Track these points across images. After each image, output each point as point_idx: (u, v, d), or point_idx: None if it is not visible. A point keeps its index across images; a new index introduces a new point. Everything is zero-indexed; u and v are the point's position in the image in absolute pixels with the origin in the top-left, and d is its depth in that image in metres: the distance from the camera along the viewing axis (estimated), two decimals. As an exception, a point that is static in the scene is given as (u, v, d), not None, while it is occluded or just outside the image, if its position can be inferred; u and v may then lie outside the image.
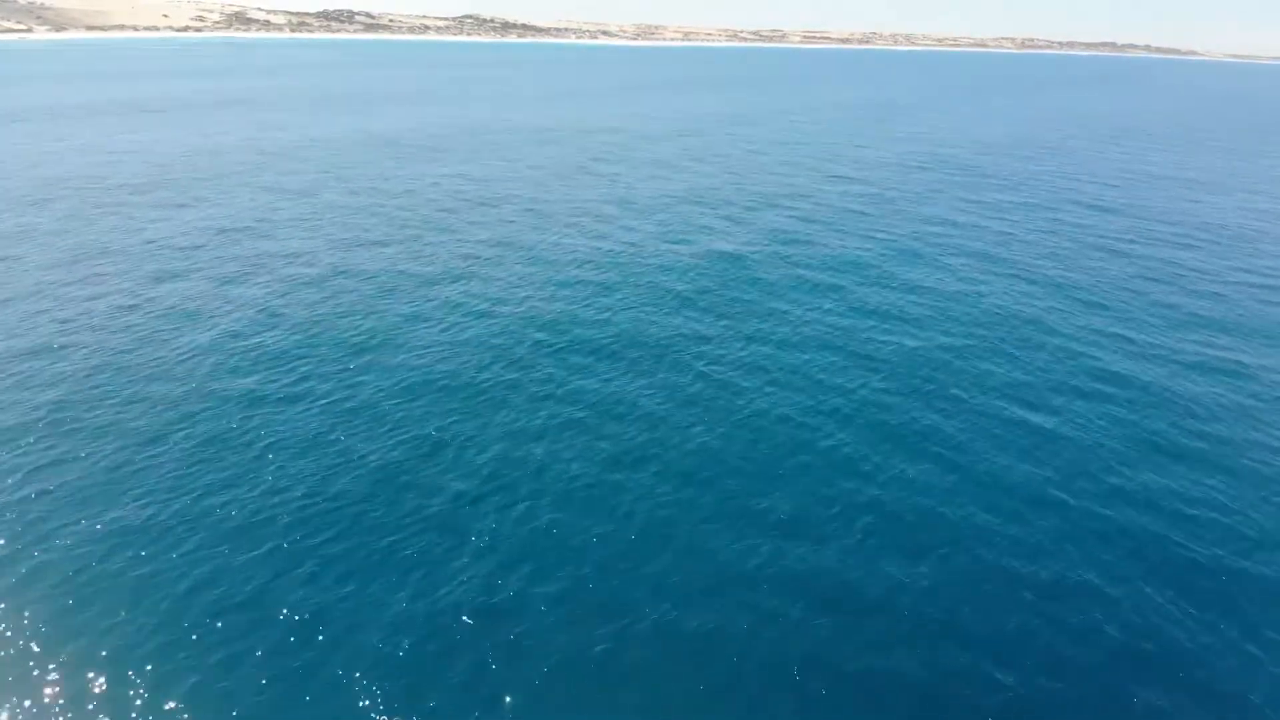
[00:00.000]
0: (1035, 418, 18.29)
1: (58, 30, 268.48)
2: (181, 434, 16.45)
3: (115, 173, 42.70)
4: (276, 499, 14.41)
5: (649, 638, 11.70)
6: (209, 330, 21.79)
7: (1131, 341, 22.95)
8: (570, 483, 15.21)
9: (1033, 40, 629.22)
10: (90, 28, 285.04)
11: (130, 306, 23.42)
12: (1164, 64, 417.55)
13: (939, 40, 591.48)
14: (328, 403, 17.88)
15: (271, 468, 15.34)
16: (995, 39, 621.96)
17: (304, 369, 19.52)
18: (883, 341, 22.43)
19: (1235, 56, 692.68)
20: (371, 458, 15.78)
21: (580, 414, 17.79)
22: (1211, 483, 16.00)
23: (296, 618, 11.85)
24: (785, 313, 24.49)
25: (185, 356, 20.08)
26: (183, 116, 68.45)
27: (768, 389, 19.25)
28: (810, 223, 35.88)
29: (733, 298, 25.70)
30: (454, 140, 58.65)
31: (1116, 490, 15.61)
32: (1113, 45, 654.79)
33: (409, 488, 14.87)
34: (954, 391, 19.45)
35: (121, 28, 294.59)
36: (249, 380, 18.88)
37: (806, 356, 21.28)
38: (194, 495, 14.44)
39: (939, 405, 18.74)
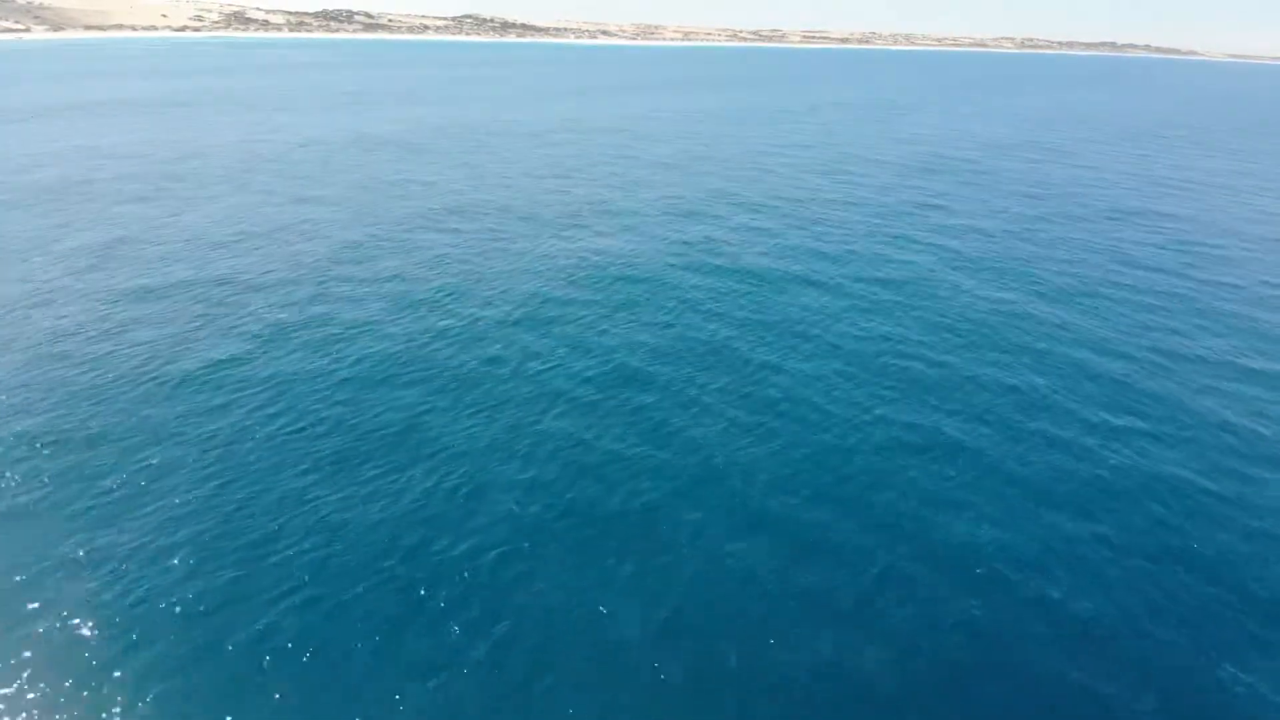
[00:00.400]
0: (1066, 457, 17.02)
1: (55, 30, 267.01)
2: (134, 468, 15.18)
3: (97, 176, 41.42)
4: (227, 544, 13.14)
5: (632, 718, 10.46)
6: (173, 350, 20.51)
7: (1168, 365, 21.67)
8: (546, 533, 13.95)
9: (1033, 40, 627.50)
10: (88, 27, 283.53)
11: (99, 321, 22.16)
12: (1164, 64, 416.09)
13: (939, 40, 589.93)
14: (290, 432, 16.60)
15: (227, 508, 14.07)
16: (995, 39, 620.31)
17: (266, 394, 18.23)
18: (901, 366, 21.11)
19: (1235, 57, 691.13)
20: (332, 499, 14.51)
21: (565, 450, 16.50)
22: (1260, 525, 14.74)
23: (239, 690, 10.60)
24: (791, 334, 23.22)
25: (143, 381, 18.79)
26: (173, 117, 67.11)
27: (774, 423, 17.91)
28: (814, 231, 34.62)
29: (735, 316, 24.43)
30: (448, 142, 57.32)
31: (1156, 538, 14.35)
32: (1112, 45, 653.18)
33: (374, 530, 13.60)
34: (977, 426, 18.16)
35: (120, 27, 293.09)
36: (208, 406, 17.59)
37: (815, 384, 19.99)
38: (135, 544, 13.14)
39: (960, 440, 17.47)
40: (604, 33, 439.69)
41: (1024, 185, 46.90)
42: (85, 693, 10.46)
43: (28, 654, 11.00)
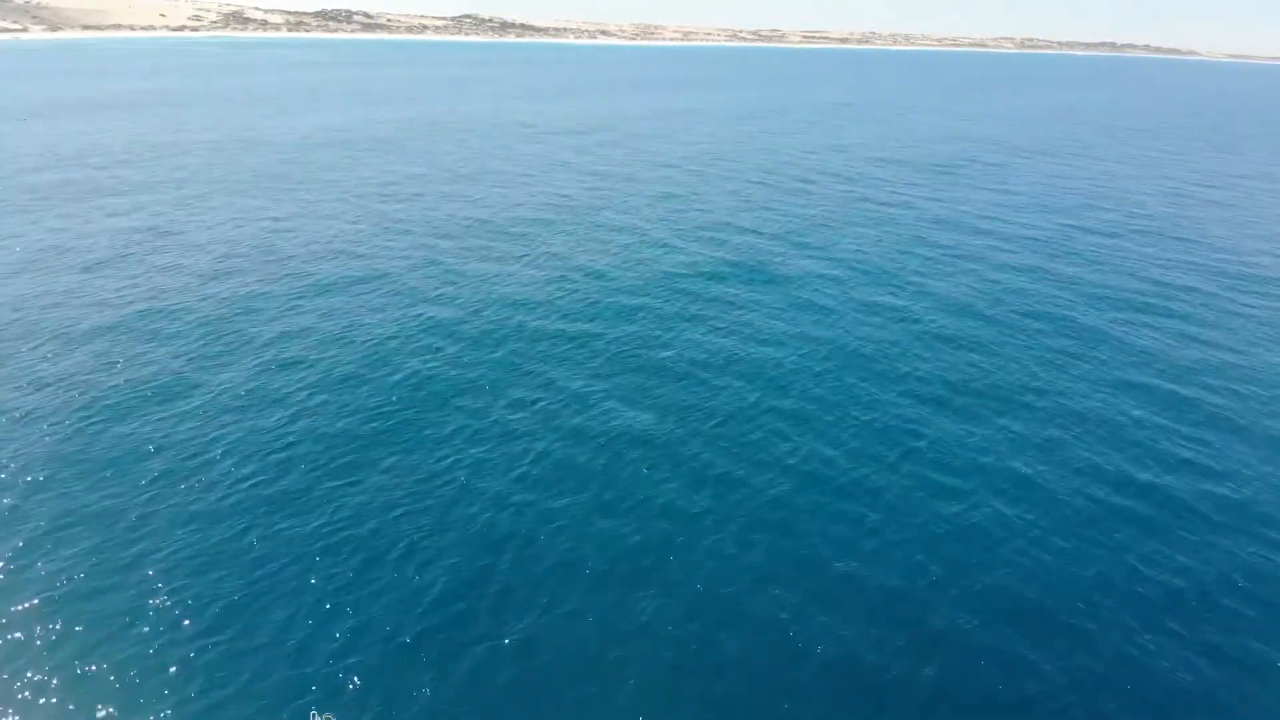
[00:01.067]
0: (1116, 493, 15.45)
1: (53, 30, 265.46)
2: (43, 524, 13.58)
3: (77, 180, 39.79)
4: (145, 627, 11.54)
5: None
6: (110, 380, 18.93)
7: (1224, 388, 20.10)
8: (512, 618, 12.37)
9: (1032, 40, 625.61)
10: (86, 27, 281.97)
11: (40, 345, 20.58)
12: (1164, 64, 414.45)
13: (939, 40, 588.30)
14: (231, 484, 14.99)
15: (145, 570, 12.47)
16: (995, 39, 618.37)
17: (197, 443, 16.61)
18: (919, 406, 19.56)
19: (1234, 57, 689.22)
20: (269, 564, 12.90)
21: (531, 513, 14.94)
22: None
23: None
24: (797, 364, 21.61)
25: (69, 416, 17.20)
26: (166, 117, 65.40)
27: (780, 478, 16.26)
28: (816, 244, 33.02)
29: (731, 341, 22.83)
30: (443, 144, 55.66)
31: (1223, 583, 12.77)
32: (1112, 45, 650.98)
33: (305, 598, 12.01)
34: (1002, 483, 16.57)
35: (118, 27, 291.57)
36: (138, 452, 15.99)
37: (829, 435, 18.38)
38: (24, 627, 11.53)
39: (989, 504, 15.88)
40: (603, 33, 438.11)
41: (1035, 192, 45.26)
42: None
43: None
